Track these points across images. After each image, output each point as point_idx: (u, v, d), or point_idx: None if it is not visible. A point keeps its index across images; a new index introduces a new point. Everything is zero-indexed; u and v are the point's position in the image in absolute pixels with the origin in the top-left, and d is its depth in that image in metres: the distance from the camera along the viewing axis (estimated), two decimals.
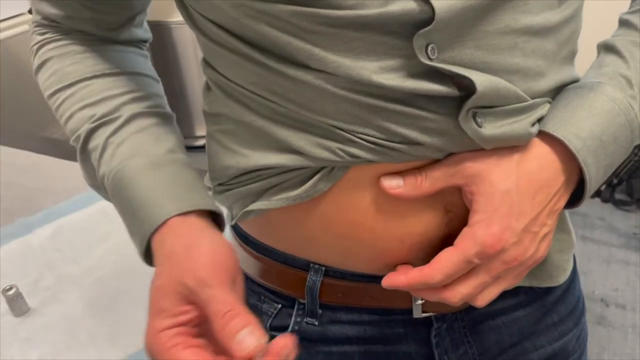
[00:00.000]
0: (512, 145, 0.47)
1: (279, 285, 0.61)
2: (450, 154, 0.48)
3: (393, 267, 0.57)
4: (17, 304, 1.05)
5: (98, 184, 0.57)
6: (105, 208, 1.30)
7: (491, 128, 0.45)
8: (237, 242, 0.62)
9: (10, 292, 1.04)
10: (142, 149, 0.51)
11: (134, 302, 1.02)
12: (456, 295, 0.51)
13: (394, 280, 0.51)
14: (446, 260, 0.50)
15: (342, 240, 0.53)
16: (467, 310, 0.60)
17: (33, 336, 1.00)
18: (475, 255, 0.48)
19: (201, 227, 0.49)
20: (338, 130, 0.49)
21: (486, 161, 0.47)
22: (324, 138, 0.50)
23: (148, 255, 0.50)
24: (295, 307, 0.61)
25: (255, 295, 0.64)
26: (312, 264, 0.57)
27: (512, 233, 0.46)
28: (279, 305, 0.63)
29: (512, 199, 0.48)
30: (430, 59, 0.41)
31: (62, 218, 1.29)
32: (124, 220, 0.53)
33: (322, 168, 0.52)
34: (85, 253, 1.18)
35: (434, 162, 0.51)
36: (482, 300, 0.53)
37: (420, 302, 0.59)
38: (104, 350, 0.92)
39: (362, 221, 0.52)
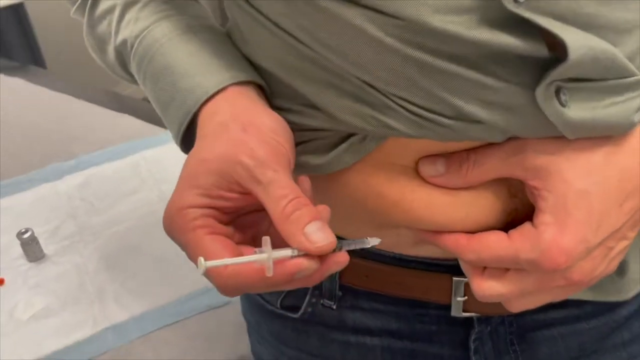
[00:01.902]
0: (600, 136, 0.36)
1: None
2: (513, 138, 0.37)
3: (433, 253, 0.47)
4: (32, 249, 1.01)
5: (110, 59, 0.48)
6: (137, 162, 1.25)
7: (579, 109, 0.34)
8: None
9: (26, 236, 1.00)
10: (172, 12, 0.42)
11: (148, 261, 0.97)
12: (486, 290, 0.41)
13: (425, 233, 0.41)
14: (490, 246, 0.39)
15: (371, 215, 0.43)
16: (518, 314, 0.49)
17: (42, 284, 0.96)
18: (528, 262, 0.37)
19: (260, 102, 0.39)
20: (373, 91, 0.38)
21: (560, 151, 0.36)
22: (354, 99, 0.39)
23: (187, 138, 0.41)
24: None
25: None
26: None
27: (586, 248, 0.37)
28: None
29: (592, 204, 0.37)
30: (517, 2, 0.30)
31: (93, 168, 1.24)
32: (155, 96, 0.43)
33: (352, 135, 0.41)
34: (108, 206, 1.13)
35: (489, 145, 0.40)
36: (517, 307, 0.42)
37: (461, 298, 0.49)
38: (108, 307, 0.87)
39: (398, 199, 0.42)
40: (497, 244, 0.39)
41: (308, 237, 0.33)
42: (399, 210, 0.42)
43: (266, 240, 0.34)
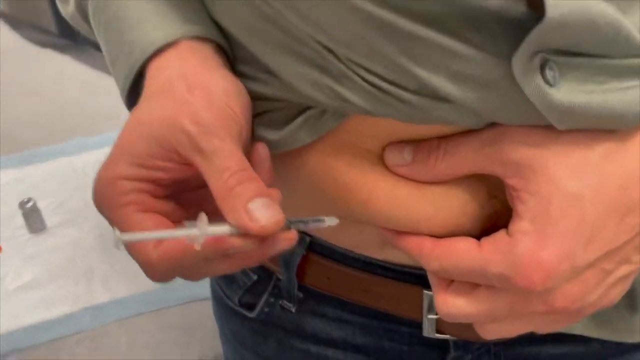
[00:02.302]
0: (599, 129, 0.30)
1: None
2: (493, 125, 0.31)
3: (402, 259, 0.41)
4: (33, 220, 0.99)
5: (71, 9, 0.43)
6: None
7: (571, 91, 0.27)
8: None
9: (28, 206, 0.99)
10: None
11: None
12: (450, 307, 0.34)
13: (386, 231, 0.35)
14: (456, 255, 0.33)
15: (330, 205, 0.36)
16: (507, 343, 0.42)
17: (36, 255, 0.95)
18: (497, 277, 0.31)
19: (215, 61, 0.35)
20: (331, 57, 0.32)
21: (547, 144, 0.30)
22: (312, 66, 0.33)
23: (133, 94, 0.36)
24: (272, 282, 0.45)
25: None
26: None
27: (571, 266, 0.30)
28: (255, 277, 0.47)
29: (584, 212, 0.30)
30: None
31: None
32: (106, 50, 0.39)
33: (310, 108, 0.35)
34: None
35: (464, 133, 0.33)
36: (490, 333, 0.35)
37: (433, 316, 0.42)
38: (93, 287, 0.86)
39: (356, 188, 0.35)
40: (464, 253, 0.33)
41: (250, 214, 0.28)
42: (358, 200, 0.35)
43: (202, 216, 0.29)
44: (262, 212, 0.29)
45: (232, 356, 0.55)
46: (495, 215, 0.34)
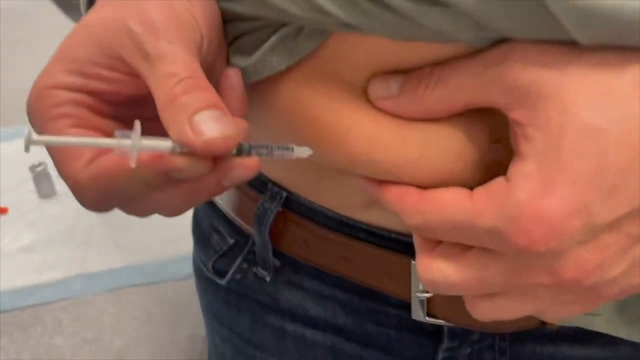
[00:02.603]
0: (635, 49, 0.23)
1: (231, 210, 0.40)
2: (499, 44, 0.25)
3: (389, 222, 0.35)
4: (43, 184, 0.97)
5: None
6: None
7: None
8: None
9: (38, 169, 0.96)
10: None
11: (146, 219, 0.90)
12: (434, 272, 0.28)
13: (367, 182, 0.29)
14: (442, 206, 0.26)
15: (308, 145, 0.30)
16: (515, 339, 0.35)
17: (40, 220, 0.93)
18: (489, 233, 0.25)
19: None
20: None
21: (564, 65, 0.24)
22: None
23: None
24: (247, 247, 0.40)
25: (207, 220, 0.44)
26: (269, 184, 0.36)
27: (585, 223, 0.24)
28: (232, 241, 0.42)
29: (607, 154, 0.24)
30: None
31: None
32: None
33: (284, 27, 0.30)
34: None
35: (462, 58, 0.26)
36: (481, 311, 0.28)
37: (423, 294, 0.35)
38: (89, 254, 0.83)
39: (332, 125, 0.30)
40: (452, 204, 0.26)
41: (194, 127, 0.24)
42: (333, 141, 0.29)
43: (136, 125, 0.24)
44: (209, 124, 0.24)
45: (210, 334, 0.50)
46: (498, 165, 0.27)
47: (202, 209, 0.46)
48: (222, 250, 0.44)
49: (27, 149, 0.24)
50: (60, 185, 1.00)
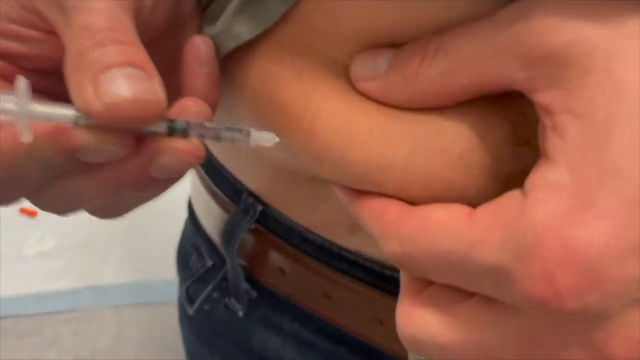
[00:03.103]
0: None
1: (205, 222, 0.34)
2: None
3: (379, 252, 0.27)
4: None
5: None
6: None
7: None
8: None
9: None
10: None
11: (173, 234, 0.87)
12: (415, 326, 0.19)
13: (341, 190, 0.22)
14: (428, 230, 0.18)
15: (283, 140, 0.23)
16: None
17: (65, 226, 0.91)
18: (491, 273, 0.17)
19: None
20: None
21: (611, 18, 0.16)
22: None
23: None
24: (222, 273, 0.33)
25: (191, 237, 0.37)
26: (245, 193, 0.29)
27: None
28: (210, 263, 0.35)
29: None
30: None
31: None
32: None
33: None
34: None
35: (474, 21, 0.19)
36: None
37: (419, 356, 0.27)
38: (105, 266, 0.79)
39: (300, 109, 0.22)
40: (440, 226, 0.18)
41: (98, 87, 0.18)
42: (298, 129, 0.22)
43: (20, 82, 0.19)
44: (119, 83, 0.18)
45: None
46: (524, 177, 0.18)
47: (190, 224, 0.40)
48: (198, 273, 0.37)
49: None
50: None
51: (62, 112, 0.19)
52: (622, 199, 0.15)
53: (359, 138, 0.20)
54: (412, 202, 0.20)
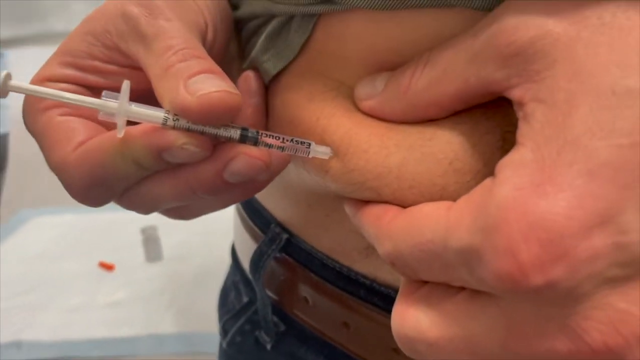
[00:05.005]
0: None
1: (242, 257, 0.36)
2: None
3: (394, 276, 0.28)
4: (150, 247, 1.00)
5: None
6: None
7: None
8: None
9: (147, 233, 1.00)
10: None
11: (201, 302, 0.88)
12: (406, 326, 0.20)
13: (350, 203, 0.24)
14: (414, 225, 0.20)
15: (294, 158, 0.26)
16: None
17: (136, 282, 0.94)
18: (464, 257, 0.17)
19: None
20: None
21: (576, 11, 0.18)
22: None
23: None
24: (254, 307, 0.36)
25: (232, 275, 0.40)
26: (273, 224, 0.32)
27: (616, 243, 0.15)
28: (246, 300, 0.38)
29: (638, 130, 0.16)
30: None
31: None
32: None
33: (272, 20, 0.27)
34: None
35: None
36: None
37: None
38: (166, 316, 0.80)
39: (309, 126, 0.25)
40: (424, 218, 0.19)
41: (188, 87, 0.21)
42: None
43: (125, 85, 0.22)
44: (205, 82, 0.21)
45: None
46: None
47: (232, 263, 0.42)
48: (234, 310, 0.39)
49: (3, 94, 0.22)
50: (167, 250, 1.03)
51: (155, 113, 0.22)
52: (581, 170, 0.15)
53: (360, 148, 0.22)
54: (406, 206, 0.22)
